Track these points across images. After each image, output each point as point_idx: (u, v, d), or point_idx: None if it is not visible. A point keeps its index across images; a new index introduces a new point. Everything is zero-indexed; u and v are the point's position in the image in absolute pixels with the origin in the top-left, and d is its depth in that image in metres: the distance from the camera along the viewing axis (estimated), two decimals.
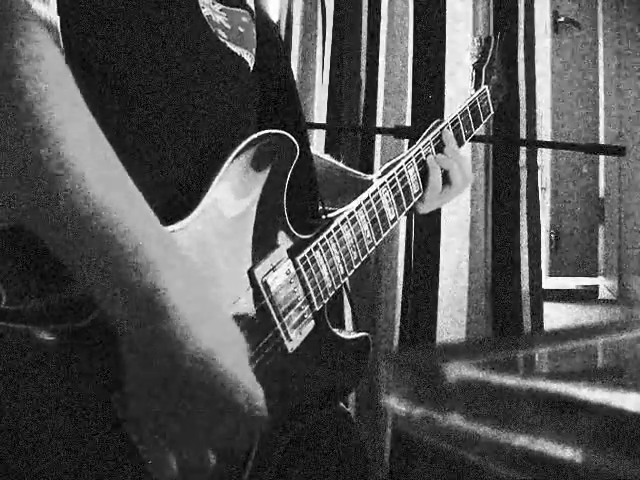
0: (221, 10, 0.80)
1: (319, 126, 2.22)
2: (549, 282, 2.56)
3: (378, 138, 2.33)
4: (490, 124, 2.23)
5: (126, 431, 0.63)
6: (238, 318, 0.73)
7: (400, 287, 2.26)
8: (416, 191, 1.08)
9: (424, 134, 1.15)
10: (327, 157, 1.23)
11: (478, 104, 1.25)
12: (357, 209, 0.94)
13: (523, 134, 2.24)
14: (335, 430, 0.97)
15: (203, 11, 0.77)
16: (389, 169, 1.11)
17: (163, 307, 0.57)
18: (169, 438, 0.63)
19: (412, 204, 1.07)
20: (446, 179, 1.13)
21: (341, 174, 1.21)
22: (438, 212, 2.23)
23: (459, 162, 1.13)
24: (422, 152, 1.10)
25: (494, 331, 2.23)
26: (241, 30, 0.83)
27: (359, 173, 1.22)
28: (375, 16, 2.38)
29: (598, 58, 2.60)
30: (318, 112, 2.39)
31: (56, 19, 0.62)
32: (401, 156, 1.14)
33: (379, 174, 1.15)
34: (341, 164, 1.23)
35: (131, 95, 0.70)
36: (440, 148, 1.13)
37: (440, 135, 1.13)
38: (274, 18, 0.99)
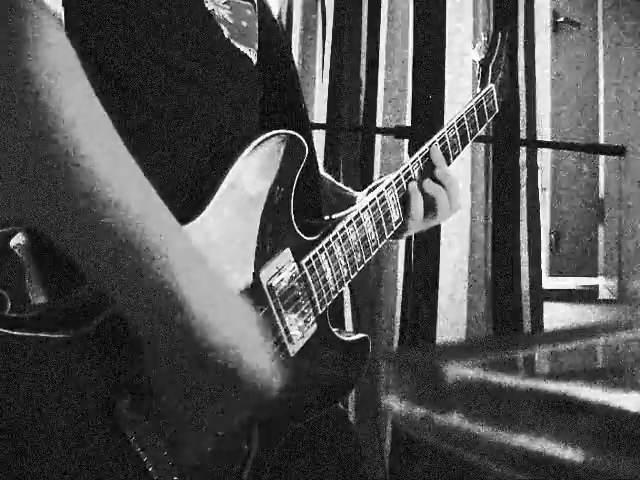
0: (225, 3, 0.78)
1: (319, 126, 2.22)
2: (549, 282, 2.56)
3: (378, 138, 2.33)
4: (490, 124, 2.23)
5: (129, 436, 0.63)
6: (252, 308, 0.74)
7: (400, 287, 2.26)
8: None
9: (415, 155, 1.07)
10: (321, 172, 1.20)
11: (484, 103, 1.23)
12: (363, 211, 0.93)
13: (523, 134, 2.24)
14: (333, 430, 0.97)
15: (207, 5, 0.75)
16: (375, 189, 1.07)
17: (178, 302, 0.57)
18: (181, 433, 0.64)
19: None
20: (431, 206, 1.03)
21: (330, 190, 1.18)
22: None
23: (448, 186, 1.04)
24: (410, 169, 1.03)
25: (494, 331, 2.23)
26: (244, 25, 0.81)
27: (347, 189, 1.15)
28: (375, 16, 2.38)
29: (598, 58, 2.60)
30: (318, 112, 2.39)
31: (61, 10, 0.62)
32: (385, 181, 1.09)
33: (365, 192, 1.09)
34: (329, 176, 1.19)
35: (131, 94, 0.70)
36: (429, 169, 1.04)
37: (428, 153, 1.05)
38: (274, 10, 0.95)
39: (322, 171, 1.17)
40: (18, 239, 0.58)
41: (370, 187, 1.09)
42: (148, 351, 0.61)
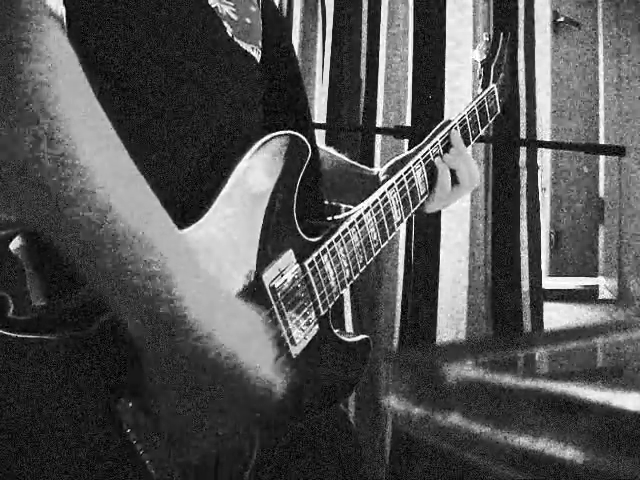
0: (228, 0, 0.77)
1: (319, 126, 2.22)
2: (549, 282, 2.56)
3: (378, 138, 2.33)
4: (490, 124, 2.23)
5: (130, 436, 0.63)
6: (254, 312, 0.73)
7: (400, 287, 2.26)
8: (422, 193, 1.07)
9: (431, 133, 1.14)
10: (331, 150, 1.22)
11: (486, 104, 1.24)
12: (365, 212, 0.93)
13: (523, 134, 2.24)
14: (334, 430, 0.97)
15: (210, 1, 0.75)
16: (394, 167, 1.11)
17: (176, 311, 0.57)
18: (183, 435, 0.64)
19: (418, 206, 1.07)
20: (453, 179, 1.12)
21: (346, 168, 1.21)
22: (438, 212, 2.23)
23: (467, 162, 1.12)
24: (430, 153, 1.08)
25: (494, 331, 2.23)
26: (248, 22, 0.80)
27: (364, 167, 1.21)
28: (375, 16, 2.38)
29: (598, 58, 2.60)
30: (318, 112, 2.39)
31: (62, 10, 0.62)
32: (405, 154, 1.14)
33: (384, 169, 1.15)
34: (345, 157, 1.23)
35: (131, 94, 0.70)
36: (447, 149, 1.12)
37: (448, 136, 1.12)
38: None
39: (335, 152, 1.20)
40: (18, 241, 0.58)
41: (389, 165, 1.12)
42: (146, 354, 0.61)
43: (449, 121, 1.15)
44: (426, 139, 1.12)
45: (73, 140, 0.54)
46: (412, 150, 1.12)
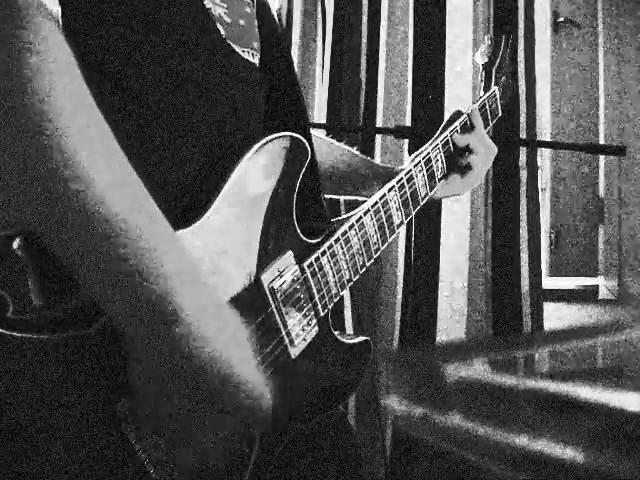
0: (221, 1, 0.77)
1: (319, 126, 2.22)
2: (549, 282, 2.56)
3: (378, 138, 2.33)
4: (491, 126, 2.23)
5: (130, 436, 0.63)
6: (244, 324, 0.73)
7: (400, 287, 2.26)
8: (423, 195, 1.08)
9: (439, 132, 1.15)
10: (347, 147, 1.23)
11: (487, 106, 1.24)
12: (365, 214, 0.93)
13: (523, 134, 2.24)
14: (333, 431, 0.97)
15: (205, 3, 0.74)
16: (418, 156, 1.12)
17: (173, 313, 0.57)
18: (178, 437, 0.63)
19: (418, 208, 1.07)
20: (468, 165, 1.16)
21: (365, 163, 1.21)
22: (438, 212, 2.24)
23: (486, 146, 1.17)
24: (431, 156, 1.10)
25: (494, 331, 2.23)
26: (242, 23, 0.80)
27: (386, 165, 1.24)
28: (375, 16, 2.38)
29: (598, 58, 2.60)
30: (318, 112, 2.39)
31: (57, 9, 0.62)
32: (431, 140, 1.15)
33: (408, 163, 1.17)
34: (362, 155, 1.24)
35: (130, 94, 0.70)
36: (448, 151, 1.14)
37: (449, 139, 1.14)
38: (274, 7, 0.95)
39: (352, 149, 1.21)
40: (20, 241, 0.58)
41: (415, 154, 1.14)
42: (138, 358, 0.60)
43: (451, 122, 1.16)
44: (431, 140, 1.13)
45: (71, 141, 0.54)
46: (428, 143, 1.14)
